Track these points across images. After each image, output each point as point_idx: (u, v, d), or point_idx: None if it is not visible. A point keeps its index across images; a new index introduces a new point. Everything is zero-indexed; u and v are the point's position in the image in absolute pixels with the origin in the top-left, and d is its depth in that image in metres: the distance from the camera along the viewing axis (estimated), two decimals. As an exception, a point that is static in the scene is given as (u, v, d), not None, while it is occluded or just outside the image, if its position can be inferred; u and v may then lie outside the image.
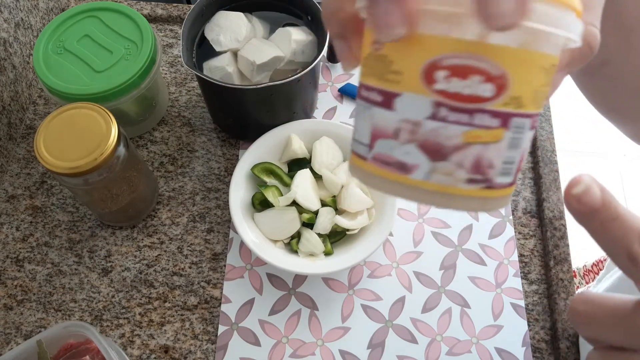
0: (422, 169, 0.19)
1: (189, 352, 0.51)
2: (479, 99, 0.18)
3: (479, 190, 0.20)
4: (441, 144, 0.19)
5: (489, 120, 0.19)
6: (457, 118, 0.18)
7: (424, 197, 0.20)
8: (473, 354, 0.51)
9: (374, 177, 0.21)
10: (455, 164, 0.19)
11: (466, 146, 0.19)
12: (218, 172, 0.60)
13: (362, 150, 0.21)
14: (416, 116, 0.19)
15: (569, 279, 0.54)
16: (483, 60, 0.18)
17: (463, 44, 0.18)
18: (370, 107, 0.20)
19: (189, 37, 0.53)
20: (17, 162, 0.61)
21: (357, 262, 0.49)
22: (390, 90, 0.19)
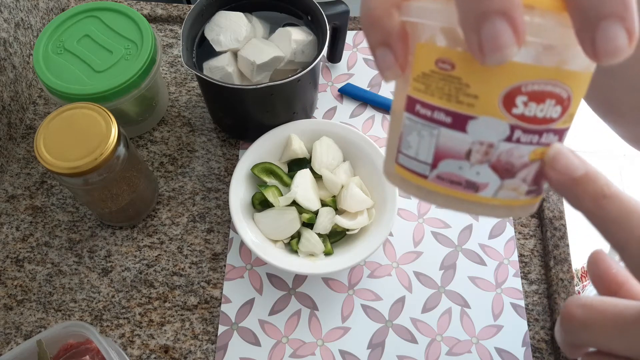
0: (491, 187, 0.20)
1: (189, 352, 0.51)
2: (550, 120, 0.19)
3: (532, 198, 0.21)
4: (512, 163, 0.20)
5: (552, 138, 0.20)
6: (529, 139, 0.19)
7: (487, 212, 0.21)
8: (473, 354, 0.51)
9: (437, 195, 0.21)
10: (521, 179, 0.20)
11: (532, 163, 0.20)
12: (218, 172, 0.60)
13: (420, 168, 0.21)
14: (491, 139, 0.19)
15: (569, 279, 0.54)
16: (558, 86, 0.19)
17: (544, 71, 0.18)
18: (434, 126, 0.20)
19: (189, 37, 0.53)
20: (17, 162, 0.61)
21: (357, 262, 0.49)
22: (464, 113, 0.19)
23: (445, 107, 0.20)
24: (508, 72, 0.18)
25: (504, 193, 0.20)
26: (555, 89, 0.19)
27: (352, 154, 0.57)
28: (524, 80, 0.18)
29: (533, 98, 0.19)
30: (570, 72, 0.19)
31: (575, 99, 0.20)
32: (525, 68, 0.18)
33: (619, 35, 0.17)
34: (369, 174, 0.55)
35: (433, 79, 0.20)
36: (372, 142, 0.55)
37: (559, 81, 0.19)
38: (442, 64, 0.19)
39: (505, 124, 0.19)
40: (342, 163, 0.56)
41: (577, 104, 0.20)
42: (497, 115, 0.19)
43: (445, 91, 0.20)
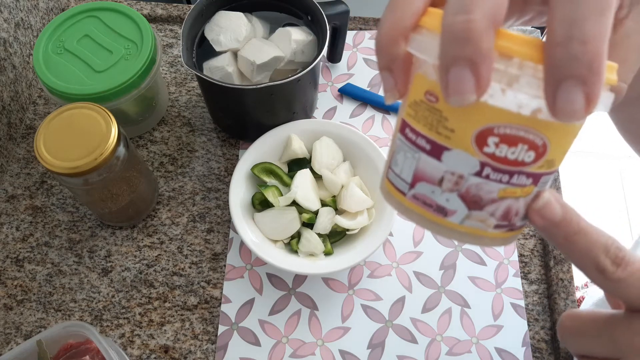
0: (459, 214, 0.22)
1: (189, 352, 0.51)
2: (521, 163, 0.20)
3: (503, 232, 0.22)
4: (480, 197, 0.21)
5: (524, 180, 0.21)
6: (498, 177, 0.21)
7: (456, 237, 0.22)
8: (473, 354, 0.51)
9: (412, 212, 0.23)
10: (488, 213, 0.22)
11: (501, 200, 0.21)
12: (218, 172, 0.60)
13: (401, 186, 0.23)
14: (462, 171, 0.21)
15: (569, 279, 0.54)
16: (531, 133, 0.20)
17: (517, 117, 0.19)
18: (416, 150, 0.22)
19: (189, 37, 0.53)
20: (17, 162, 0.61)
21: (357, 262, 0.49)
22: (441, 143, 0.21)
23: (427, 135, 0.21)
24: (483, 112, 0.19)
25: (470, 222, 0.22)
26: (528, 135, 0.20)
27: (352, 154, 0.57)
28: (496, 122, 0.19)
29: (504, 140, 0.20)
30: (546, 122, 0.19)
31: (554, 147, 0.20)
32: (499, 112, 0.19)
33: (576, 99, 0.17)
34: (369, 174, 0.55)
35: (421, 107, 0.21)
36: (372, 142, 0.55)
37: (532, 129, 0.19)
38: (429, 95, 0.21)
39: (476, 160, 0.20)
40: (342, 163, 0.56)
41: (559, 151, 0.21)
42: (469, 150, 0.20)
43: (429, 120, 0.21)
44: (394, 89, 0.22)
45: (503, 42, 0.19)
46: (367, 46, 0.69)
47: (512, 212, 0.22)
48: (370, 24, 0.71)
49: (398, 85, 0.22)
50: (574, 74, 0.17)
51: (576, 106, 0.17)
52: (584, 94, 0.17)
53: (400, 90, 0.22)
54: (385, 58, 0.21)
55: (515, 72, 0.19)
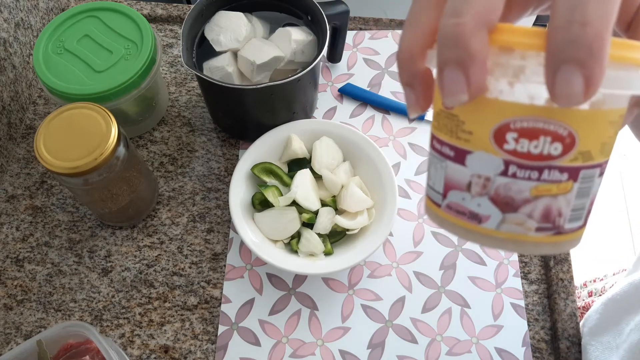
0: (493, 219, 0.21)
1: (189, 352, 0.51)
2: (548, 157, 0.19)
3: (548, 236, 0.21)
4: (512, 198, 0.20)
5: (557, 175, 0.20)
6: (526, 175, 0.20)
7: (496, 244, 0.21)
8: (473, 354, 0.51)
9: (449, 223, 0.22)
10: (525, 215, 0.20)
11: (535, 199, 0.20)
12: (218, 172, 0.60)
13: (436, 198, 0.23)
14: (487, 172, 0.20)
15: (569, 279, 0.54)
16: (551, 123, 0.19)
17: (531, 109, 0.19)
18: (443, 160, 0.22)
19: (189, 37, 0.53)
20: (17, 162, 0.61)
21: (357, 262, 0.49)
22: (462, 148, 0.21)
23: (449, 142, 0.21)
24: (496, 109, 0.19)
25: (507, 227, 0.21)
26: (548, 126, 0.19)
27: (352, 154, 0.57)
28: (511, 117, 0.19)
29: (523, 134, 0.19)
30: (565, 111, 0.19)
31: (584, 137, 0.19)
32: (512, 106, 0.19)
33: (575, 82, 0.17)
34: (369, 174, 0.55)
35: (441, 116, 0.22)
36: (372, 142, 0.55)
37: (551, 119, 0.19)
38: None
39: (499, 159, 0.20)
40: (342, 163, 0.56)
41: (593, 142, 0.20)
42: (490, 150, 0.20)
43: (449, 127, 0.21)
44: (416, 104, 0.22)
45: (502, 37, 0.18)
46: (367, 46, 0.69)
47: (552, 212, 0.20)
48: (370, 24, 0.71)
49: (420, 100, 0.22)
50: (572, 56, 0.16)
51: (574, 89, 0.17)
52: (583, 77, 0.17)
53: (422, 105, 0.22)
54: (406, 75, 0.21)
55: (518, 63, 0.18)
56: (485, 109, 0.19)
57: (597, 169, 0.21)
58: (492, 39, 0.19)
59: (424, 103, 0.22)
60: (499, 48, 0.19)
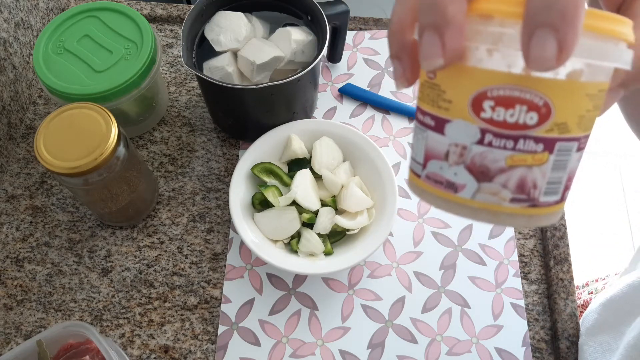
0: (469, 188, 0.21)
1: (189, 352, 0.51)
2: (523, 127, 0.19)
3: (523, 208, 0.21)
4: (487, 167, 0.20)
5: (533, 146, 0.20)
6: (502, 143, 0.20)
7: (470, 214, 0.22)
8: (473, 354, 0.51)
9: (427, 193, 0.23)
10: (500, 184, 0.21)
11: (510, 169, 0.20)
12: (218, 172, 0.60)
13: (417, 169, 0.23)
14: (464, 141, 0.20)
15: (569, 279, 0.54)
16: (527, 92, 0.19)
17: (509, 77, 0.19)
18: (424, 130, 0.22)
19: (189, 37, 0.53)
20: (17, 162, 0.61)
21: (357, 262, 0.49)
22: (442, 117, 0.21)
23: (430, 112, 0.22)
24: (474, 77, 0.19)
25: (483, 196, 0.21)
26: (524, 94, 0.19)
27: (352, 154, 0.57)
28: (489, 85, 0.19)
29: (500, 103, 0.19)
30: (542, 80, 0.19)
31: (560, 108, 0.19)
32: (490, 74, 0.19)
33: (548, 46, 0.17)
34: (369, 174, 0.55)
35: (425, 87, 0.22)
36: (372, 142, 0.55)
37: (527, 87, 0.19)
38: (429, 73, 0.21)
39: (476, 127, 0.20)
40: (342, 163, 0.56)
41: (570, 113, 0.20)
42: (467, 118, 0.20)
43: (431, 97, 0.21)
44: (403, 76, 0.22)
45: (483, 4, 0.19)
46: (367, 46, 0.69)
47: (527, 183, 0.20)
48: (370, 24, 0.71)
49: (406, 73, 0.22)
50: (546, 21, 0.17)
51: (547, 53, 0.17)
52: (556, 41, 0.17)
53: (408, 78, 0.22)
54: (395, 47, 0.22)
55: (497, 30, 0.19)
56: (464, 77, 0.20)
57: (574, 143, 0.21)
58: (473, 7, 0.19)
59: (411, 76, 0.22)
60: (479, 16, 0.19)
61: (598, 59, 0.19)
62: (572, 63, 0.19)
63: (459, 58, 0.20)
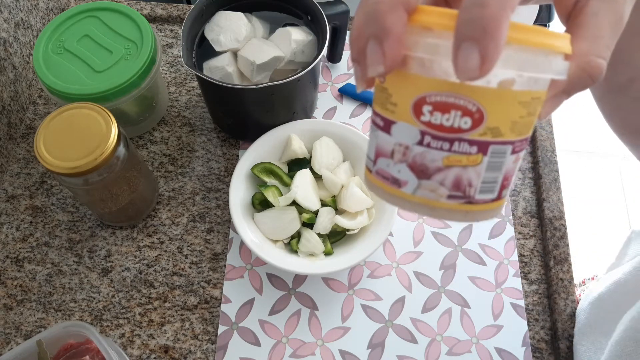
0: (410, 184, 0.23)
1: (189, 352, 0.51)
2: (458, 130, 0.21)
3: (459, 204, 0.23)
4: (426, 165, 0.22)
5: (467, 148, 0.21)
6: (439, 145, 0.22)
7: (412, 207, 0.24)
8: (473, 354, 0.51)
9: (376, 187, 0.25)
10: (437, 182, 0.22)
11: (447, 168, 0.22)
12: (218, 172, 0.60)
13: (369, 165, 0.25)
14: (407, 141, 0.22)
15: (569, 279, 0.54)
16: (461, 98, 0.21)
17: (445, 84, 0.21)
18: (375, 129, 0.24)
19: (189, 37, 0.53)
20: (17, 162, 0.61)
21: (357, 262, 0.49)
22: (389, 118, 0.23)
23: (380, 113, 0.23)
24: (416, 84, 0.21)
25: (422, 192, 0.23)
26: (458, 101, 0.21)
27: (352, 154, 0.57)
28: (428, 91, 0.21)
29: (437, 108, 0.21)
30: (474, 88, 0.20)
31: (492, 114, 0.21)
32: (429, 81, 0.21)
33: (471, 58, 0.18)
34: (369, 174, 0.55)
35: (377, 90, 0.24)
36: (372, 142, 0.55)
37: (461, 94, 0.20)
38: (380, 77, 0.23)
39: (416, 129, 0.22)
40: (342, 163, 0.56)
41: (502, 119, 0.21)
42: (409, 121, 0.22)
43: (381, 100, 0.23)
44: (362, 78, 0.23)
45: (424, 17, 0.20)
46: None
47: (463, 181, 0.22)
48: (370, 24, 0.71)
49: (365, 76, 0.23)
50: (470, 35, 0.18)
51: (471, 64, 0.18)
52: (478, 53, 0.18)
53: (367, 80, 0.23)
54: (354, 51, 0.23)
55: (435, 41, 0.20)
56: (407, 82, 0.21)
57: (508, 146, 0.22)
58: (415, 19, 0.20)
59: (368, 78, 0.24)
60: (420, 27, 0.20)
61: (528, 69, 0.20)
62: (503, 72, 0.20)
63: (399, 65, 0.21)
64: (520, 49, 0.20)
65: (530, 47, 0.20)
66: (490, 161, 0.22)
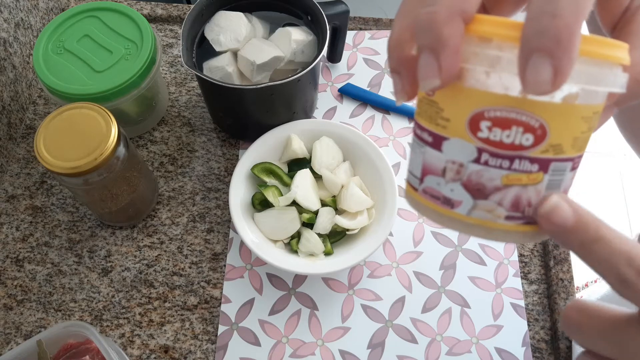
0: (465, 205, 0.22)
1: (189, 352, 0.51)
2: (519, 147, 0.20)
3: (517, 225, 0.22)
4: (483, 185, 0.21)
5: (528, 166, 0.20)
6: (497, 163, 0.20)
7: (466, 229, 0.22)
8: (473, 354, 0.51)
9: (424, 207, 0.23)
10: (495, 202, 0.21)
11: (506, 187, 0.21)
12: (218, 172, 0.60)
13: (414, 182, 0.24)
14: (461, 159, 0.21)
15: (569, 279, 0.54)
16: (523, 114, 0.19)
17: (505, 99, 0.19)
18: (422, 145, 0.23)
19: (189, 37, 0.53)
20: (17, 162, 0.61)
21: (357, 262, 0.49)
22: (439, 134, 0.21)
23: (428, 128, 0.22)
24: (472, 98, 0.20)
25: (478, 213, 0.22)
26: (520, 116, 0.19)
27: (352, 154, 0.57)
28: (486, 106, 0.20)
29: (497, 124, 0.20)
30: (538, 103, 0.19)
31: (555, 130, 0.20)
32: (487, 95, 0.20)
33: (543, 70, 0.17)
34: (369, 174, 0.55)
35: (423, 103, 0.22)
36: (372, 142, 0.55)
37: (523, 110, 0.19)
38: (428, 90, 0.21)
39: (473, 146, 0.20)
40: (342, 163, 0.56)
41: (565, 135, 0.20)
42: (464, 137, 0.21)
43: (429, 114, 0.22)
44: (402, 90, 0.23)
45: (481, 27, 0.19)
46: (367, 46, 0.69)
47: (522, 201, 0.21)
48: (370, 24, 0.71)
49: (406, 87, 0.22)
50: (542, 46, 0.17)
51: (543, 77, 0.17)
52: (551, 66, 0.17)
53: (408, 92, 0.22)
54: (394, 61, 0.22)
55: (495, 53, 0.19)
56: (462, 97, 0.20)
57: (568, 163, 0.21)
58: (471, 29, 0.19)
59: (410, 90, 0.23)
60: (478, 38, 0.19)
61: (593, 83, 0.19)
62: (568, 87, 0.19)
63: (456, 79, 0.20)
64: (586, 62, 0.19)
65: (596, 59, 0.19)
66: (550, 179, 0.21)
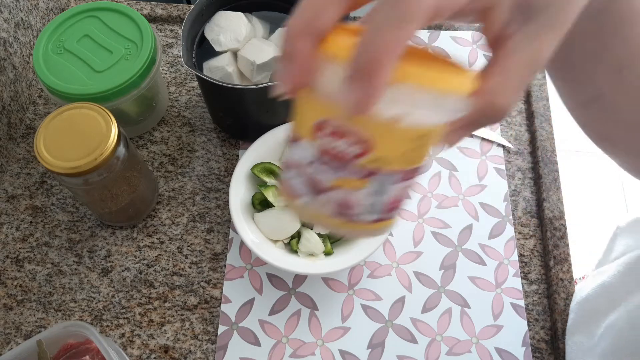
0: (304, 197, 0.25)
1: (189, 352, 0.51)
2: (347, 156, 0.23)
3: (343, 222, 0.25)
4: (318, 183, 0.24)
5: (353, 173, 0.23)
6: (329, 167, 0.23)
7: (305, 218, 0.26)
8: (473, 354, 0.51)
9: (282, 194, 0.27)
10: (325, 200, 0.24)
11: (334, 188, 0.24)
12: (218, 172, 0.60)
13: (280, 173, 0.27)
14: (306, 158, 0.24)
15: (569, 279, 0.54)
16: (352, 127, 0.22)
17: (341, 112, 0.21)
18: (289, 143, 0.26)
19: (189, 37, 0.53)
20: (17, 162, 0.61)
21: (357, 262, 0.49)
22: (295, 133, 0.25)
23: (292, 129, 0.25)
24: (318, 108, 0.22)
25: (313, 206, 0.25)
26: (352, 129, 0.22)
27: (352, 154, 0.57)
28: (327, 116, 0.22)
29: (334, 133, 0.22)
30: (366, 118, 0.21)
31: (382, 145, 0.22)
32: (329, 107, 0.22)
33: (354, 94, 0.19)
34: (369, 174, 0.55)
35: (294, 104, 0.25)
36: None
37: (355, 124, 0.22)
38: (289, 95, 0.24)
39: (314, 149, 0.23)
40: (342, 163, 0.56)
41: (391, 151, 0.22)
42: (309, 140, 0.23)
43: (294, 114, 0.25)
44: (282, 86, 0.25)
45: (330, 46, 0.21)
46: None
47: (346, 203, 0.24)
48: (370, 24, 0.71)
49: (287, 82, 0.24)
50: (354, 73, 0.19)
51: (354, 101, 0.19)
52: (361, 91, 0.19)
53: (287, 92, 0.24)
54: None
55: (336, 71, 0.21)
56: (312, 105, 0.23)
57: (395, 175, 0.23)
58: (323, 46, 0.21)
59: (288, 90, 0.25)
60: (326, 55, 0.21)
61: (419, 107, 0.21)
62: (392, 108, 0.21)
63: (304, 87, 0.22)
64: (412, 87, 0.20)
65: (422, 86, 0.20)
66: (374, 187, 0.23)
